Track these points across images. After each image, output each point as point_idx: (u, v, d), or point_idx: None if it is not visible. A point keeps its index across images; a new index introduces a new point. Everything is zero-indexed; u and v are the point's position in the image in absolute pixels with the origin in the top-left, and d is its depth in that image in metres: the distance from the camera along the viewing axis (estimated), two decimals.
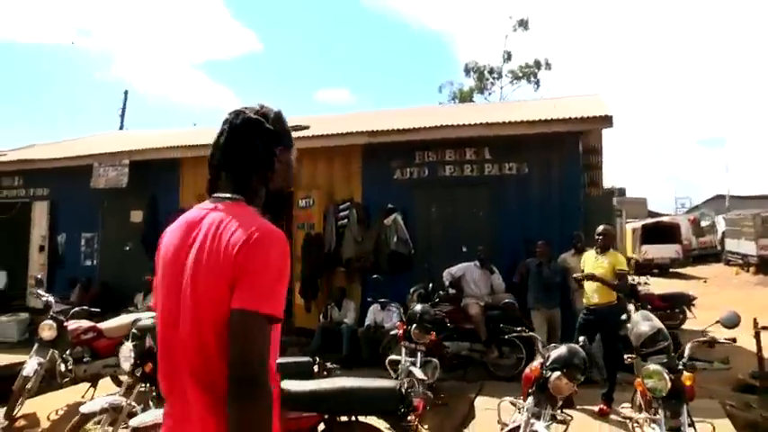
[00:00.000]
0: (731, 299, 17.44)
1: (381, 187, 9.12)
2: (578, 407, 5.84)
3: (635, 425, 4.75)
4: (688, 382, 3.98)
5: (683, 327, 12.32)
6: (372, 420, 3.73)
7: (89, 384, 6.12)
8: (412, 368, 5.32)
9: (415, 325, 5.71)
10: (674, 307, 12.46)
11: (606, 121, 8.05)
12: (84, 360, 5.97)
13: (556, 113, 8.52)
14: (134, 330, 4.49)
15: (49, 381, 5.68)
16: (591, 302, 6.06)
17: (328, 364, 4.62)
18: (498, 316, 7.29)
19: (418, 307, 5.90)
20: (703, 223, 31.84)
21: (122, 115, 25.48)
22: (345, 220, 9.06)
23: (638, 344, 4.31)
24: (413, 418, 3.71)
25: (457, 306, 7.54)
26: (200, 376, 1.49)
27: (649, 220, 30.51)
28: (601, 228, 6.18)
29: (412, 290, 7.74)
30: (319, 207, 9.29)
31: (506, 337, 7.26)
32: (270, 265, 1.46)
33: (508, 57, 31.80)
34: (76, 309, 6.23)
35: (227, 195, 1.61)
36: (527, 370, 4.20)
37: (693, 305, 12.35)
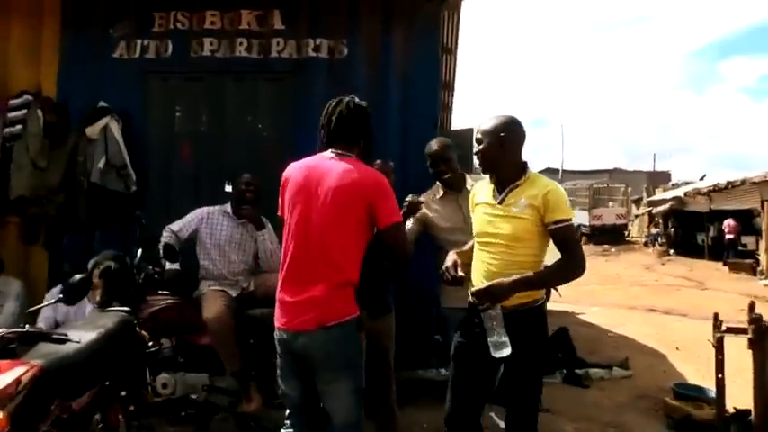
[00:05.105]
0: None
1: (92, 72, 5.00)
2: None
3: None
4: None
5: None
6: None
7: None
8: None
9: None
10: None
11: None
12: None
13: None
14: None
15: None
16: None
17: None
18: (267, 318, 3.72)
19: None
20: None
21: None
22: (18, 127, 4.95)
23: None
24: None
25: (184, 300, 3.77)
26: (324, 259, 2.39)
27: None
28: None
29: (91, 262, 3.47)
30: None
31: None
32: (390, 194, 2.47)
33: None
34: None
35: (345, 152, 2.49)
36: None
37: None
